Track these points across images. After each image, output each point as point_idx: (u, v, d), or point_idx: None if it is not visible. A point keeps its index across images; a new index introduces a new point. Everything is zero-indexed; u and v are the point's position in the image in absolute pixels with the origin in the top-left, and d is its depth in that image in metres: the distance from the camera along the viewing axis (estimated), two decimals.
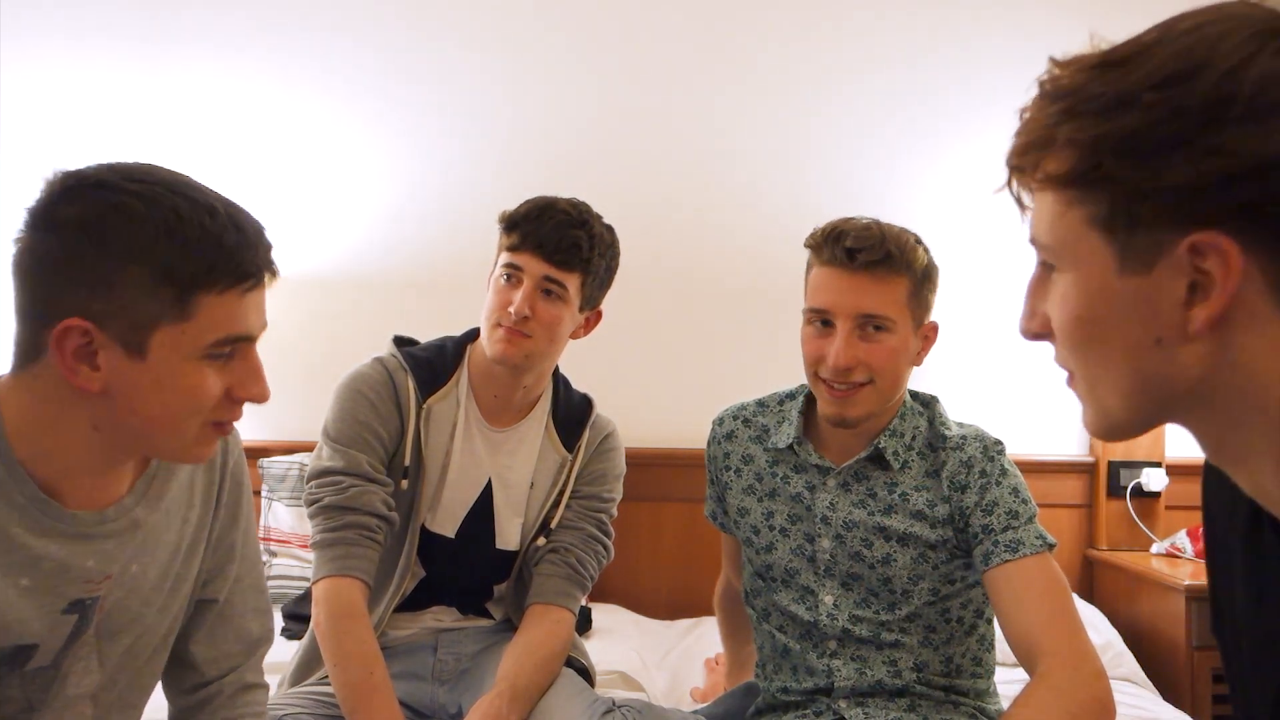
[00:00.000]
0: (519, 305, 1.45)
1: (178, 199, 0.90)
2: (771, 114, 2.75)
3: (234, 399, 0.97)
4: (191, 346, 0.91)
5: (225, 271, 0.91)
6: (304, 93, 2.69)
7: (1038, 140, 0.65)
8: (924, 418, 1.46)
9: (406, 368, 1.55)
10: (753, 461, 1.53)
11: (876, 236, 1.32)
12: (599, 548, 1.62)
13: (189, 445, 0.98)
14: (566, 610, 1.54)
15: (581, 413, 1.65)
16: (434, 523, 1.57)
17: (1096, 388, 0.68)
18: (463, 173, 2.69)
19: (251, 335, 0.97)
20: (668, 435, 2.70)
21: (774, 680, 1.51)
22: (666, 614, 2.63)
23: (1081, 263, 0.65)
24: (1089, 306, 0.65)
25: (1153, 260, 0.61)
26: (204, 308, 0.91)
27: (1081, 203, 0.63)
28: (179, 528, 1.10)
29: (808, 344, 1.39)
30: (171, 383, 0.92)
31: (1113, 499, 2.69)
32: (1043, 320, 0.70)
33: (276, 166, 2.67)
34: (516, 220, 1.50)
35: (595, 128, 2.73)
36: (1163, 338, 0.62)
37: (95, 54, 2.63)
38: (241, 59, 2.67)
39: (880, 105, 2.76)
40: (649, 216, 2.73)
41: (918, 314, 1.38)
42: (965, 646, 1.45)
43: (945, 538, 1.39)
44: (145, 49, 2.64)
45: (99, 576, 1.00)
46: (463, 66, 2.71)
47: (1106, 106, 0.61)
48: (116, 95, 2.63)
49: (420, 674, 1.56)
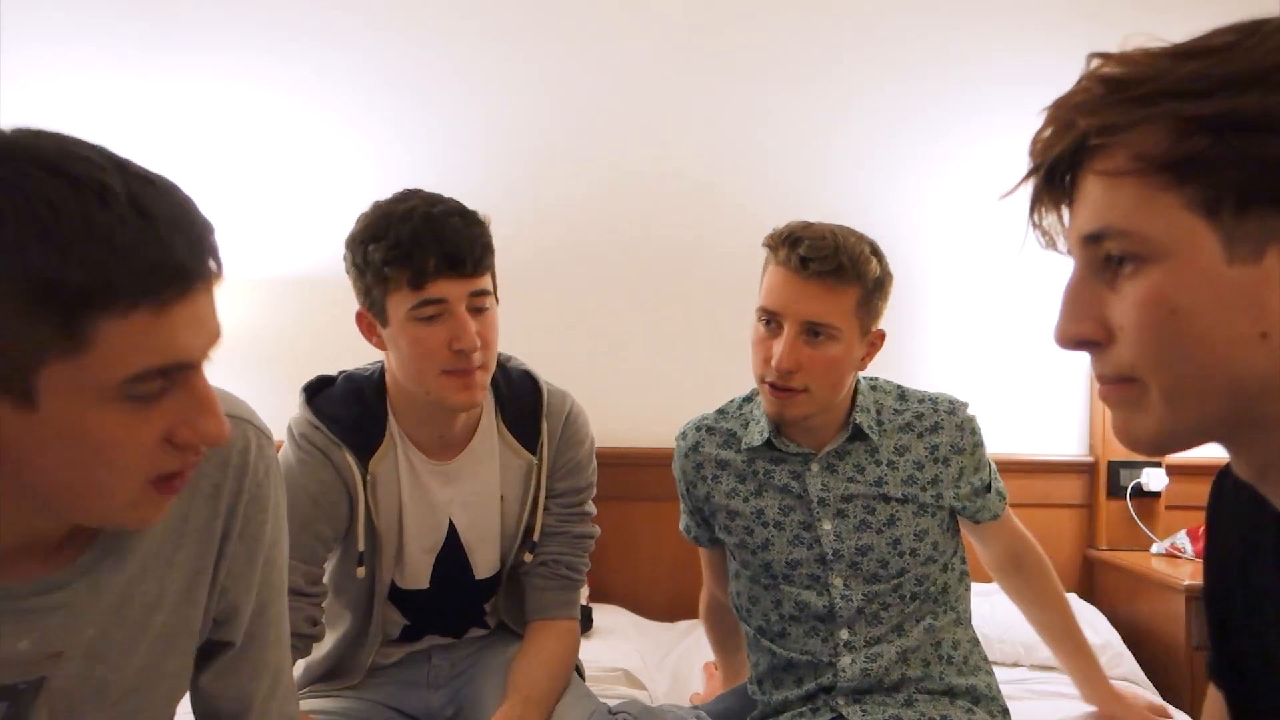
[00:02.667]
0: (468, 341, 1.28)
1: (54, 181, 0.63)
2: (770, 113, 2.74)
3: (178, 444, 0.72)
4: (96, 386, 0.66)
5: (125, 282, 0.64)
6: (296, 94, 2.69)
7: (1119, 122, 0.60)
8: (889, 394, 1.54)
9: (338, 440, 1.38)
10: (729, 466, 1.54)
11: (830, 247, 1.35)
12: (587, 541, 1.55)
13: (122, 510, 0.73)
14: (569, 619, 1.52)
15: (532, 403, 1.48)
16: (404, 579, 1.48)
17: (1179, 389, 0.61)
18: (455, 172, 2.69)
19: (187, 361, 0.70)
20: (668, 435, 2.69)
21: (773, 695, 1.51)
22: (666, 615, 2.62)
23: (1179, 251, 0.59)
24: (1189, 297, 0.59)
25: (1264, 247, 0.58)
26: (104, 334, 0.65)
27: (1179, 186, 0.59)
28: (162, 574, 0.87)
29: (756, 343, 1.43)
30: (76, 436, 0.67)
31: (1113, 499, 2.69)
32: (1098, 324, 0.64)
33: (276, 166, 2.67)
34: (406, 250, 1.26)
35: (589, 129, 2.72)
36: (1269, 331, 0.58)
37: (91, 57, 2.63)
38: (234, 60, 2.67)
39: (879, 107, 2.75)
40: (649, 215, 2.74)
41: (865, 322, 1.41)
42: (955, 636, 1.50)
43: (939, 494, 1.49)
44: (140, 52, 2.64)
45: (37, 657, 0.78)
46: (454, 67, 2.71)
47: (1218, 86, 0.57)
48: (111, 97, 2.63)
49: (415, 680, 1.54)
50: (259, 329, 2.65)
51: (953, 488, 1.50)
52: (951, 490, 1.50)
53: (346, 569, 1.44)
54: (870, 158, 2.74)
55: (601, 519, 1.60)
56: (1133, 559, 2.56)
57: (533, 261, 2.70)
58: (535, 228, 2.71)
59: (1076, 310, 0.65)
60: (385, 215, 1.30)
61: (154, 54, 2.65)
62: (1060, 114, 0.64)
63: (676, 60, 2.73)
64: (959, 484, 1.51)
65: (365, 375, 1.46)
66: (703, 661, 2.18)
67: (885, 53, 2.75)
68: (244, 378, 2.60)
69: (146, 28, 2.65)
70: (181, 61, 2.66)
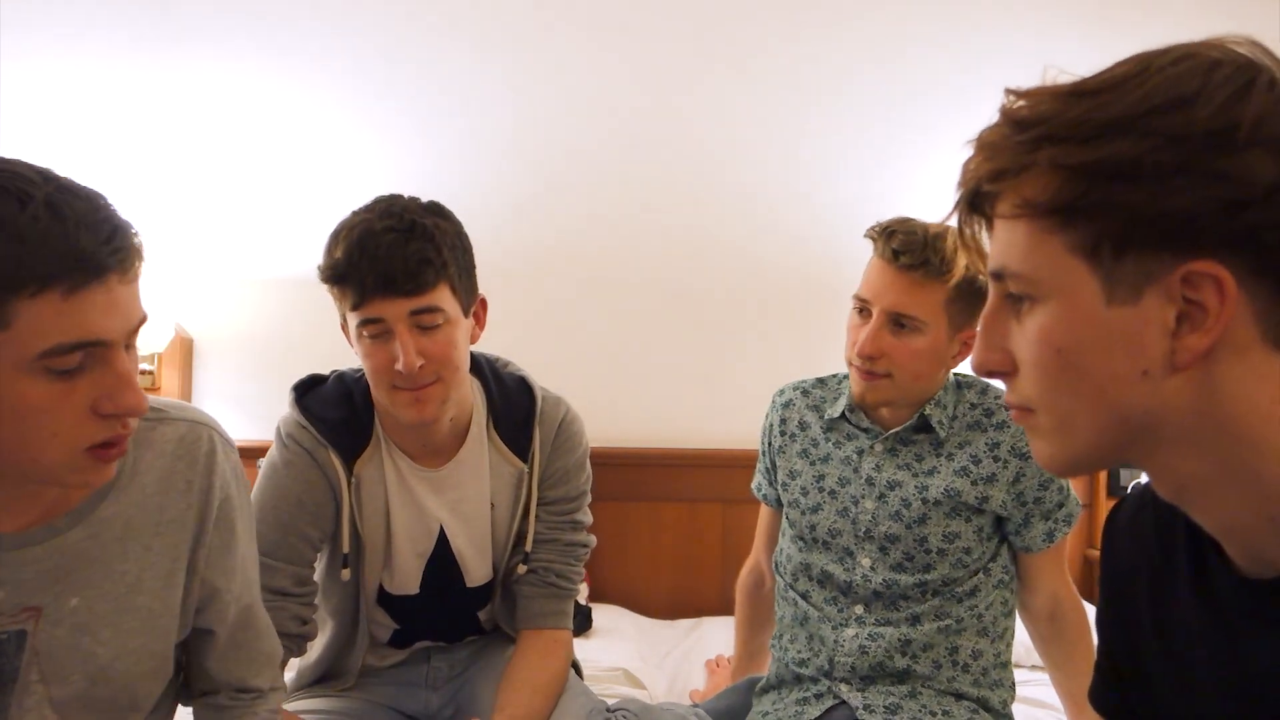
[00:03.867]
0: (405, 363, 1.24)
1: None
2: (769, 113, 2.74)
3: (101, 414, 0.84)
4: (17, 358, 0.78)
5: (32, 271, 0.77)
6: (304, 90, 2.68)
7: (1010, 167, 0.63)
8: (972, 390, 1.54)
9: (325, 441, 1.37)
10: (808, 428, 1.59)
11: (919, 242, 1.38)
12: (579, 550, 1.52)
13: (66, 472, 0.86)
14: (559, 629, 1.48)
15: (524, 410, 1.46)
16: (393, 584, 1.45)
17: (1070, 422, 0.65)
18: (466, 172, 2.69)
19: (102, 340, 0.82)
20: (668, 435, 2.70)
21: (788, 650, 1.54)
22: (666, 614, 2.63)
23: (1064, 292, 0.62)
24: (1072, 337, 0.62)
25: (1141, 289, 0.60)
26: (21, 314, 0.77)
27: (1063, 230, 0.61)
28: (140, 557, 0.99)
29: (850, 328, 1.48)
30: (9, 404, 0.80)
31: (1113, 499, 2.69)
32: (1005, 355, 0.67)
33: (277, 165, 2.67)
34: (342, 271, 1.25)
35: (595, 127, 2.72)
36: (1149, 369, 0.60)
37: (93, 50, 2.63)
38: (240, 56, 2.67)
39: (878, 104, 2.75)
40: (650, 215, 2.74)
41: (956, 320, 1.42)
42: (977, 645, 1.47)
43: (986, 495, 1.46)
44: (145, 45, 2.64)
45: (13, 609, 0.91)
46: (464, 65, 2.71)
47: (1095, 132, 0.59)
48: (115, 91, 2.63)
49: (413, 681, 1.54)
50: (260, 329, 2.65)
51: (1006, 492, 1.46)
52: (1003, 494, 1.46)
53: (332, 571, 1.42)
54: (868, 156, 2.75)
55: (601, 519, 1.60)
56: None
57: (533, 260, 2.71)
58: (536, 227, 2.71)
59: (989, 340, 0.68)
60: (336, 232, 1.28)
61: (156, 49, 2.65)
62: (977, 148, 0.66)
63: (688, 63, 2.73)
64: (1013, 489, 1.46)
65: (355, 377, 1.44)
66: (703, 659, 2.18)
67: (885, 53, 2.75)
68: (244, 378, 2.62)
69: (151, 19, 2.64)
70: (183, 57, 2.65)
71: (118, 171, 2.54)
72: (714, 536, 2.64)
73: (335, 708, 1.44)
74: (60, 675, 0.94)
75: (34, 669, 0.93)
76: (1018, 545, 1.50)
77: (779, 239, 2.72)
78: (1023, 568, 1.54)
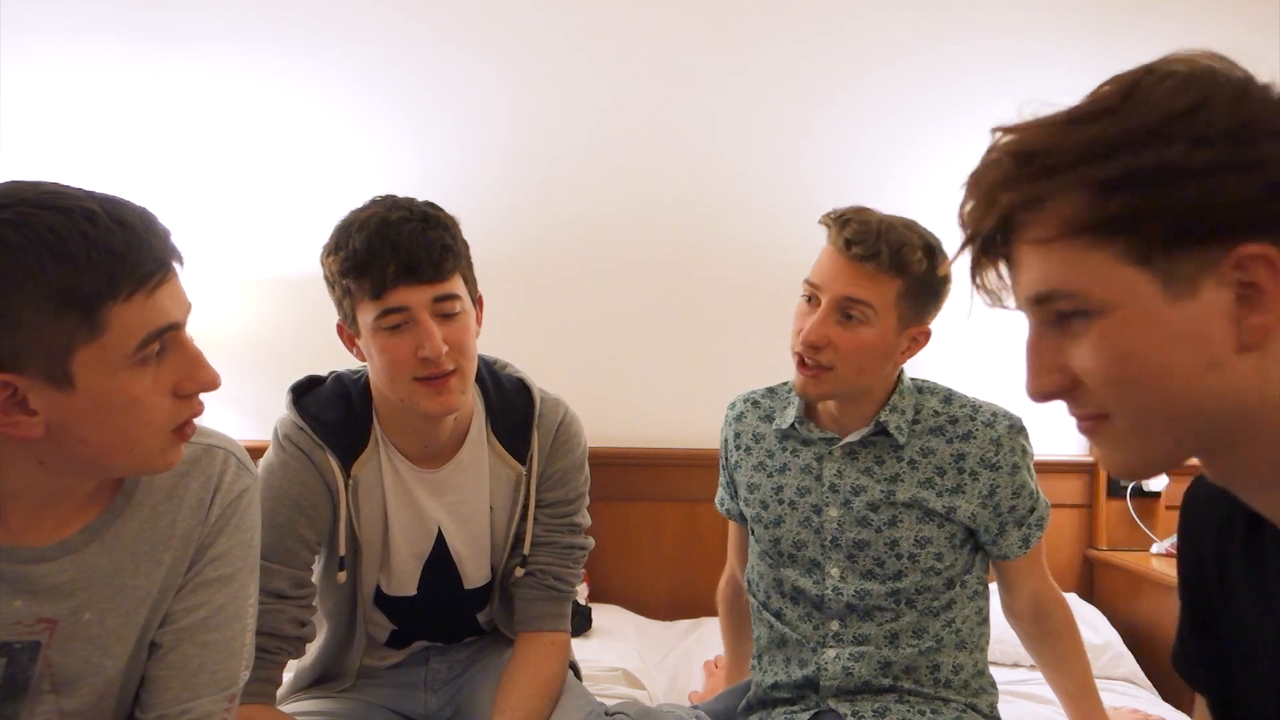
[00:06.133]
0: (432, 349, 1.24)
1: (51, 214, 0.82)
2: (769, 113, 2.74)
3: (182, 395, 0.92)
4: (117, 358, 0.85)
5: (125, 277, 0.84)
6: (301, 91, 2.69)
7: (1028, 199, 0.66)
8: (934, 396, 1.50)
9: (322, 443, 1.36)
10: (763, 440, 1.57)
11: (874, 234, 1.35)
12: (577, 552, 1.51)
13: (153, 456, 0.92)
14: (557, 632, 1.48)
15: (523, 412, 1.46)
16: (390, 586, 1.45)
17: (1147, 423, 0.66)
18: (463, 172, 2.69)
19: (175, 323, 0.90)
20: (668, 435, 2.70)
21: (768, 674, 1.52)
22: (666, 614, 2.63)
23: (1122, 300, 0.64)
24: (1140, 341, 0.64)
25: (1197, 281, 0.63)
26: (115, 318, 0.85)
27: (1104, 243, 0.64)
28: (152, 571, 1.01)
29: (796, 316, 1.44)
30: (110, 401, 0.86)
31: (1113, 499, 2.69)
32: (1062, 375, 0.69)
33: (275, 166, 2.67)
34: (363, 260, 1.24)
35: (595, 126, 2.72)
36: (1217, 357, 0.63)
37: (94, 51, 2.63)
38: (238, 57, 2.67)
39: (876, 102, 2.75)
40: (650, 213, 2.74)
41: (906, 315, 1.39)
42: (957, 660, 1.46)
43: (953, 506, 1.43)
44: (143, 47, 2.64)
45: (29, 619, 0.93)
46: (463, 65, 2.71)
47: (1113, 149, 0.63)
48: (114, 92, 2.63)
49: (412, 682, 1.54)
50: (260, 329, 2.65)
51: (978, 505, 1.43)
52: (974, 507, 1.43)
53: (329, 573, 1.42)
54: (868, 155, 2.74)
55: (600, 519, 1.60)
56: (1133, 559, 2.56)
57: (534, 261, 2.70)
58: (538, 228, 2.71)
59: (1042, 364, 0.70)
60: (345, 226, 1.28)
61: (154, 50, 2.65)
62: (980, 189, 0.68)
63: (688, 61, 2.73)
64: (988, 501, 1.44)
65: (354, 378, 1.43)
66: (702, 660, 2.18)
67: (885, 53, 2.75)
68: (245, 378, 2.61)
69: (152, 20, 2.64)
70: (181, 59, 2.65)
71: (117, 171, 2.54)
72: (714, 536, 2.63)
73: (333, 709, 1.44)
74: (71, 687, 0.96)
75: (46, 679, 0.95)
76: (994, 554, 1.49)
77: (779, 239, 2.72)
78: (1001, 574, 1.53)
